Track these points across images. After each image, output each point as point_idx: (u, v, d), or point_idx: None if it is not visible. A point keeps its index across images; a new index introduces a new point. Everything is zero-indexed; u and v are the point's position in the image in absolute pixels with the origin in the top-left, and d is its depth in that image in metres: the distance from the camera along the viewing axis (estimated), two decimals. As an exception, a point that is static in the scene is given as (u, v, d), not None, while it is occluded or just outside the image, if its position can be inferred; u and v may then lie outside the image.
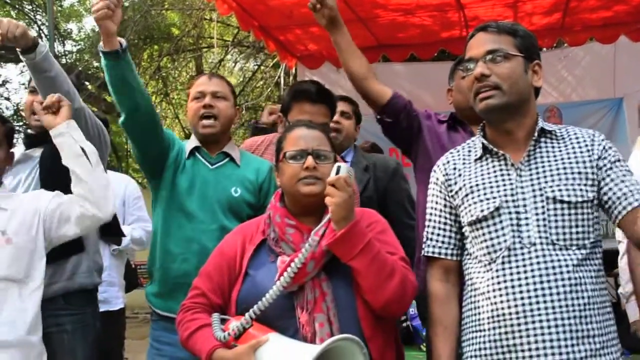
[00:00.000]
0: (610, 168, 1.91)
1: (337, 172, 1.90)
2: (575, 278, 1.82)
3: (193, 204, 2.67)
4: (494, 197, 1.92)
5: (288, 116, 2.88)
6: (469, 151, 2.09)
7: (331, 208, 1.87)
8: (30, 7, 12.95)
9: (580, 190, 1.88)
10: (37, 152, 2.84)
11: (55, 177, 2.69)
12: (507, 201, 1.90)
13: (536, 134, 1.96)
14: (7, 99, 15.05)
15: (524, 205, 1.89)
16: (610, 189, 1.89)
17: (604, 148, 1.94)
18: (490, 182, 1.95)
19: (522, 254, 1.85)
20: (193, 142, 2.80)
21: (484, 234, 1.92)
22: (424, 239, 2.10)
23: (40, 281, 2.43)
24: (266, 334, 1.83)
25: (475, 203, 1.95)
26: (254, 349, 1.80)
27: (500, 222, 1.89)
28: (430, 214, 2.10)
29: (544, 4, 5.04)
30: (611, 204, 1.89)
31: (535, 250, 1.84)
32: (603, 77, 6.00)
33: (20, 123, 14.34)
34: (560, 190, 1.87)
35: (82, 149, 2.48)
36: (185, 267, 2.60)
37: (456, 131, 2.74)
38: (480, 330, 1.90)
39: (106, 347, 3.03)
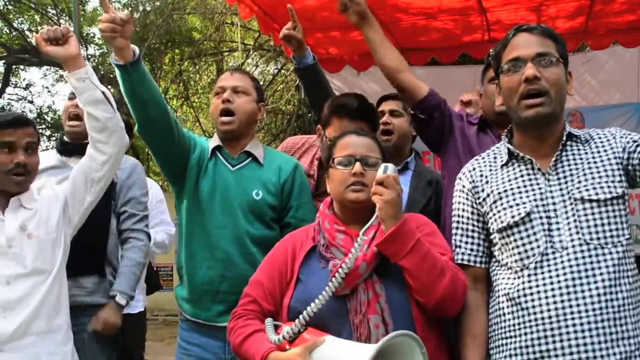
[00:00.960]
0: (637, 141, 1.90)
1: (385, 172, 1.89)
2: (611, 279, 1.79)
3: (215, 208, 2.64)
4: (524, 203, 1.90)
5: (326, 131, 2.79)
6: (495, 157, 2.07)
7: (379, 206, 1.88)
8: (53, 11, 13.09)
9: (608, 187, 1.86)
10: (73, 163, 2.84)
11: None
12: (537, 206, 1.88)
13: (564, 139, 1.95)
14: (31, 102, 15.24)
15: (554, 210, 1.87)
16: None
17: (624, 135, 1.93)
18: (518, 188, 1.93)
19: (555, 258, 1.83)
20: (215, 140, 2.77)
21: (515, 240, 1.90)
22: (453, 247, 2.08)
23: (60, 266, 2.46)
24: (321, 337, 1.82)
25: (504, 209, 1.93)
26: (309, 349, 1.80)
27: (532, 227, 1.87)
28: (458, 222, 2.08)
29: (568, 7, 4.98)
30: None
31: (568, 254, 1.82)
32: (626, 81, 5.92)
33: (43, 126, 14.54)
34: (587, 190, 1.86)
35: (104, 94, 2.47)
36: (211, 274, 2.59)
37: (486, 134, 2.72)
38: (511, 337, 1.88)
39: (127, 349, 3.05)
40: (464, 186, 2.09)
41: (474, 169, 2.09)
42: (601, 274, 1.80)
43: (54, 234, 2.46)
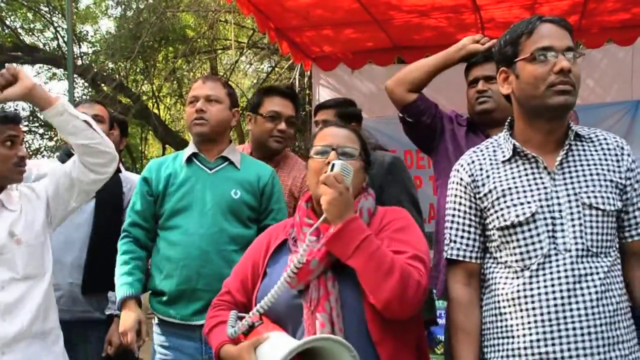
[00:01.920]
0: (636, 189, 1.92)
1: (332, 169, 1.89)
2: (605, 285, 1.80)
3: (192, 209, 2.67)
4: (529, 202, 1.88)
5: (260, 109, 3.02)
6: (495, 151, 2.03)
7: (323, 207, 1.86)
8: (46, 9, 13.02)
9: (614, 199, 1.87)
10: None
11: (109, 212, 3.00)
12: (542, 206, 1.86)
13: (572, 137, 1.93)
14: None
15: (560, 211, 1.86)
16: (632, 210, 1.91)
17: (632, 161, 1.93)
18: (523, 187, 1.91)
19: (557, 260, 1.82)
20: (191, 148, 2.81)
21: (517, 240, 1.88)
22: (447, 241, 2.05)
23: (50, 270, 2.48)
24: (272, 331, 1.83)
25: (508, 207, 1.90)
26: (254, 345, 1.81)
27: (536, 228, 1.86)
28: (453, 216, 2.04)
29: (562, 5, 4.99)
30: (626, 224, 1.91)
31: (570, 257, 1.82)
32: (620, 79, 5.91)
33: (37, 124, 14.47)
34: (595, 197, 1.85)
35: (86, 122, 2.46)
36: (186, 273, 2.62)
37: (475, 134, 2.74)
38: (509, 337, 1.87)
39: (123, 349, 3.08)
40: (462, 179, 2.04)
41: (472, 162, 2.04)
42: (599, 278, 1.80)
43: (42, 237, 2.46)
